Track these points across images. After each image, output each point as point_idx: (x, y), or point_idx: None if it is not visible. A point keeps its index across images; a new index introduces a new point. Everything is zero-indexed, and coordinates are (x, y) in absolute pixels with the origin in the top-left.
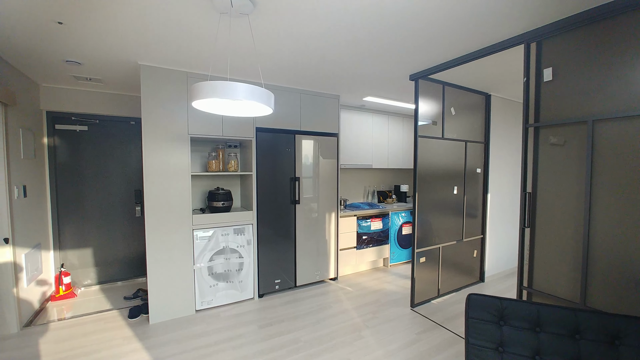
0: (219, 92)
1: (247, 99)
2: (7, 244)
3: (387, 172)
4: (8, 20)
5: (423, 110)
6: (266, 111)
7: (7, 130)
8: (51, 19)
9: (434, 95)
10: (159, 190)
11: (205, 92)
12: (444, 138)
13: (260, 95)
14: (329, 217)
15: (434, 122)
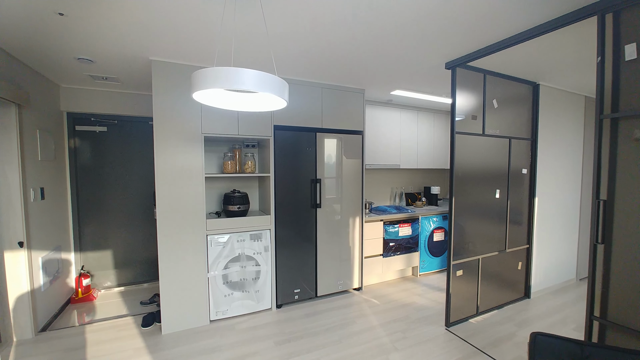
0: (221, 79)
1: (256, 88)
2: (22, 247)
3: (416, 173)
4: (7, 10)
5: (461, 103)
6: (279, 104)
7: (22, 132)
8: (52, 10)
9: (473, 86)
10: (171, 193)
11: (207, 81)
12: (485, 134)
13: (271, 83)
14: (353, 222)
15: (474, 117)
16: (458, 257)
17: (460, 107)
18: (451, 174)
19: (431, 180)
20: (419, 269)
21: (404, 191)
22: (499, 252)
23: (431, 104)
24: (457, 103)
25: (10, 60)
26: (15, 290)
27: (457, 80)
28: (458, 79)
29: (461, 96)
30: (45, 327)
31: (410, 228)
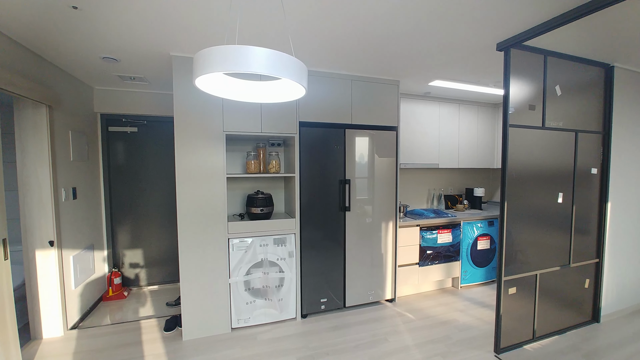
0: (226, 61)
1: (268, 70)
2: (52, 246)
3: (456, 173)
4: (23, 5)
5: (515, 91)
6: (296, 93)
7: (53, 133)
8: (65, 4)
9: (531, 70)
10: (191, 194)
11: (210, 64)
12: (545, 127)
13: (286, 65)
14: (386, 227)
15: (531, 107)
16: (511, 272)
17: (515, 96)
18: (503, 174)
19: (474, 181)
20: (460, 281)
21: (443, 193)
22: (561, 267)
23: (475, 96)
24: (511, 91)
25: (39, 61)
26: (46, 288)
27: (511, 63)
28: (512, 62)
29: (516, 83)
30: (76, 325)
31: (450, 234)
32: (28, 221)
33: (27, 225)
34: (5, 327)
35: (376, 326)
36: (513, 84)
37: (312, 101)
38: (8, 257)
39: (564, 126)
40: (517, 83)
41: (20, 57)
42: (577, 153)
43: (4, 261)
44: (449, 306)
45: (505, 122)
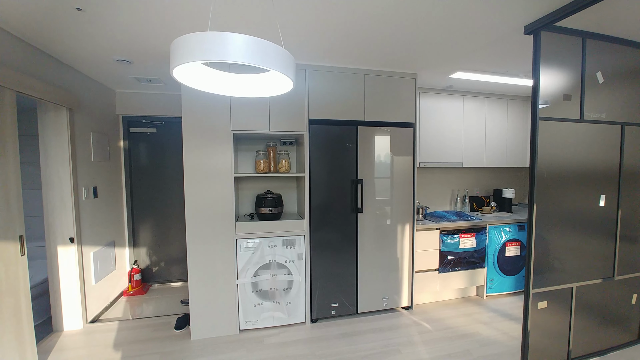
0: (198, 49)
1: (246, 59)
2: (72, 243)
3: (483, 173)
4: (26, 6)
5: (547, 79)
6: (284, 86)
7: (74, 134)
8: (70, 5)
9: (566, 55)
10: (199, 193)
11: (185, 52)
12: (584, 120)
13: (267, 54)
14: (402, 230)
15: (567, 97)
16: (541, 284)
17: (546, 85)
18: (532, 173)
19: (503, 182)
20: (486, 289)
21: (467, 194)
22: (603, 280)
23: (503, 89)
24: (542, 80)
25: (59, 66)
26: (67, 282)
27: (541, 48)
28: (543, 46)
29: (548, 70)
30: (96, 319)
31: (474, 239)
32: (50, 218)
33: (50, 223)
34: (20, 320)
35: (389, 335)
36: (544, 72)
37: (323, 98)
38: (25, 252)
39: (607, 118)
40: (549, 70)
41: (40, 62)
42: (623, 149)
43: (21, 257)
44: (472, 317)
45: (534, 115)
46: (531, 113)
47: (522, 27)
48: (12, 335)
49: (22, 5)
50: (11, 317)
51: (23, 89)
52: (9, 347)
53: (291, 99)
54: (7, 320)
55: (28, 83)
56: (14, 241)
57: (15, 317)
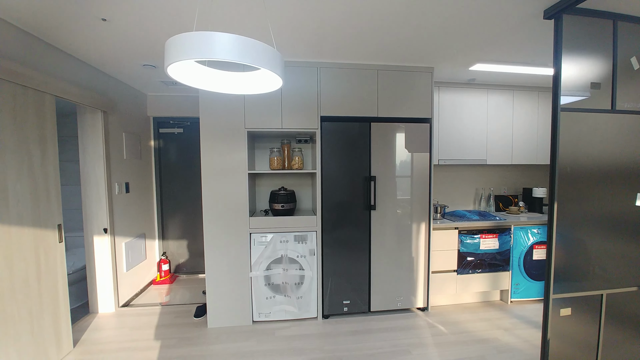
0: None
1: (235, 57)
2: (106, 233)
3: (511, 170)
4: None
5: (570, 67)
6: (273, 84)
7: (108, 134)
8: (95, 16)
9: (593, 40)
10: (216, 189)
11: (177, 51)
12: (615, 110)
13: (255, 52)
14: (417, 229)
15: (595, 85)
16: (564, 289)
17: (570, 73)
18: (552, 169)
19: (534, 180)
20: (510, 294)
21: (492, 193)
22: (639, 288)
23: (533, 80)
24: (565, 67)
25: (96, 73)
26: (101, 269)
27: (563, 33)
28: (566, 31)
29: (572, 57)
30: (127, 303)
31: (496, 240)
32: (87, 211)
33: (87, 215)
34: (57, 300)
35: (400, 335)
36: (567, 59)
37: (335, 95)
38: (63, 240)
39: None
40: (574, 57)
41: (76, 69)
42: None
43: (59, 244)
44: (492, 322)
45: (555, 106)
46: (552, 104)
47: (541, 12)
48: (49, 313)
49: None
50: (49, 296)
51: (61, 93)
52: (47, 323)
53: (303, 97)
54: (46, 299)
55: (66, 88)
56: (53, 229)
57: (53, 297)
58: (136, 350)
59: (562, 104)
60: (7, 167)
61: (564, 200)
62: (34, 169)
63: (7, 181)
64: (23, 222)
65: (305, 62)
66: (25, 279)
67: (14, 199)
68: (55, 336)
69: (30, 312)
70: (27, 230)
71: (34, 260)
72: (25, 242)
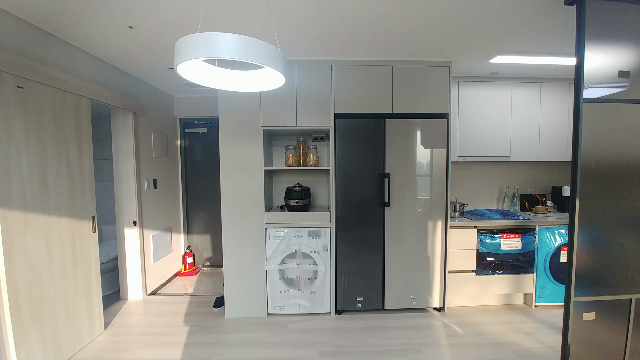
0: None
1: (239, 56)
2: (135, 226)
3: (537, 168)
4: (84, 28)
5: (596, 56)
6: (277, 81)
7: (137, 134)
8: (122, 24)
9: (621, 26)
10: (233, 186)
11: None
12: None
13: (252, 50)
14: (434, 227)
15: (623, 73)
16: (587, 292)
17: (596, 62)
18: (574, 164)
19: (565, 178)
20: (535, 298)
21: (517, 191)
22: None
23: (562, 71)
24: (590, 57)
25: (127, 78)
26: (131, 260)
27: (586, 19)
28: (589, 17)
29: (597, 44)
30: (154, 292)
31: (519, 240)
32: (119, 205)
33: (119, 208)
34: (90, 285)
35: (413, 334)
36: (592, 47)
37: (349, 92)
38: (96, 230)
39: None
40: (599, 44)
41: (109, 73)
42: None
43: (92, 234)
44: (512, 326)
45: (577, 97)
46: (574, 95)
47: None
48: (83, 297)
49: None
50: (84, 282)
51: (96, 96)
52: (81, 306)
53: (317, 95)
54: (80, 283)
55: (100, 92)
56: (88, 220)
57: (87, 282)
58: (160, 335)
59: (586, 96)
60: (48, 163)
61: (587, 197)
62: (71, 165)
63: (48, 176)
64: (61, 212)
65: (319, 61)
66: (63, 264)
67: (54, 192)
68: (88, 318)
69: (66, 294)
70: (64, 220)
71: (70, 247)
72: (63, 230)
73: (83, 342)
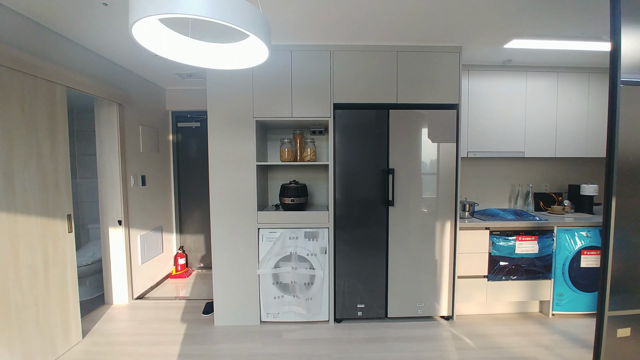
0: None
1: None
2: (121, 225)
3: (553, 165)
4: (58, 3)
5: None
6: (259, 56)
7: (123, 127)
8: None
9: None
10: (223, 182)
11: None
12: None
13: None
14: (442, 228)
15: None
16: (622, 304)
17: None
18: (609, 159)
19: (582, 176)
20: (552, 306)
21: (531, 190)
22: None
23: (582, 59)
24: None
25: (111, 66)
26: (116, 261)
27: None
28: None
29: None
30: (141, 296)
31: (535, 243)
32: (103, 203)
33: (103, 206)
34: (66, 290)
35: (419, 347)
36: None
37: (349, 80)
38: (72, 230)
39: None
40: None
41: (90, 60)
42: None
43: (68, 234)
44: (529, 338)
45: (613, 79)
46: (609, 78)
47: None
48: (57, 302)
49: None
50: (57, 286)
51: (74, 84)
52: (54, 312)
53: (314, 83)
54: (53, 288)
55: (78, 79)
56: (62, 219)
57: (61, 287)
58: (142, 345)
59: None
60: (13, 155)
61: (623, 196)
62: (43, 159)
63: (14, 170)
64: (30, 210)
65: (316, 46)
66: (32, 266)
67: (21, 188)
68: (63, 326)
69: (37, 300)
70: (34, 219)
71: (41, 249)
72: (32, 230)
73: (57, 352)
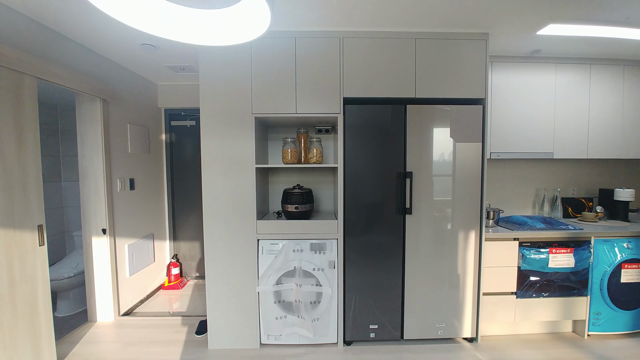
0: None
1: None
2: (105, 234)
3: (582, 167)
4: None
5: None
6: (260, 24)
7: (108, 125)
8: None
9: None
10: (218, 187)
11: None
12: None
13: None
14: (465, 238)
15: None
16: None
17: None
18: None
19: (615, 179)
20: (588, 326)
21: (559, 195)
22: None
23: (617, 49)
24: None
25: (94, 57)
26: (100, 274)
27: None
28: None
29: None
30: (129, 312)
31: (571, 256)
32: (86, 209)
33: (85, 213)
34: (36, 309)
35: None
36: None
37: (362, 71)
38: (44, 242)
39: None
40: None
41: (66, 49)
42: None
43: (39, 247)
44: None
45: None
46: None
47: None
48: (25, 325)
49: None
50: (25, 306)
51: (46, 76)
52: (22, 336)
53: (322, 75)
54: (20, 308)
55: (52, 70)
56: (32, 231)
57: (31, 306)
58: None
59: None
60: None
61: None
62: (6, 161)
63: None
64: None
65: (324, 32)
66: None
67: None
68: (33, 351)
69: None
70: None
71: (5, 264)
72: None
73: None
